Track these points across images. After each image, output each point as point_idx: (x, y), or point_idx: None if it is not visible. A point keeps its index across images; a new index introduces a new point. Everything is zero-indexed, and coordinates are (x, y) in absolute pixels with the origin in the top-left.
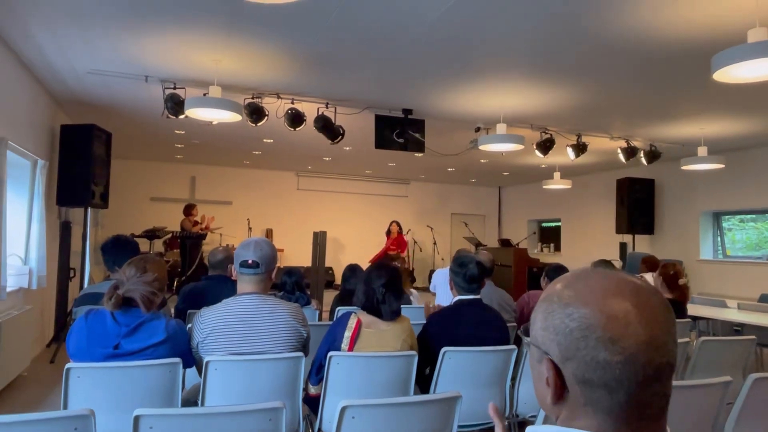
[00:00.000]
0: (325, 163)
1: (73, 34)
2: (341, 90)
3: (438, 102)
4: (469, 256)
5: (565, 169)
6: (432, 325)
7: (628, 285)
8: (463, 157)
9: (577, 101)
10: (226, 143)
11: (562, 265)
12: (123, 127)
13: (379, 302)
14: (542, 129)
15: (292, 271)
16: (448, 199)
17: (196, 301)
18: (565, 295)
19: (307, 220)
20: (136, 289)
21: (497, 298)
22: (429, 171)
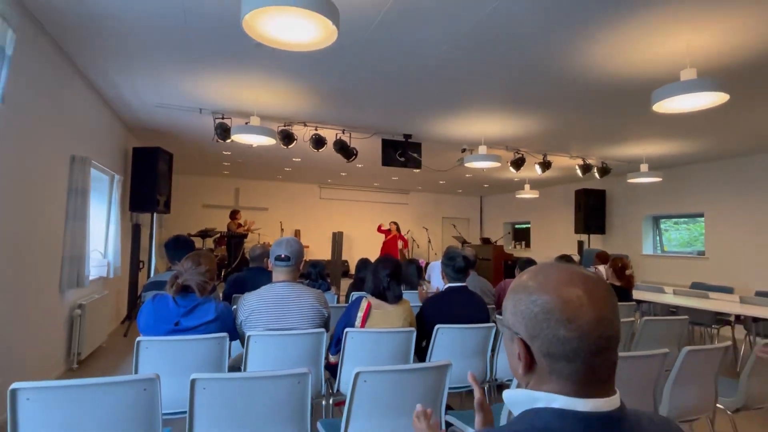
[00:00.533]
0: (342, 177)
1: (144, 75)
2: (355, 118)
3: (432, 128)
4: (457, 251)
5: (534, 181)
6: (427, 307)
7: (579, 276)
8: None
9: (544, 127)
10: (263, 161)
11: (531, 259)
12: (182, 149)
13: (384, 288)
14: (515, 149)
15: (316, 263)
16: (440, 205)
17: (240, 288)
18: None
19: (328, 222)
20: (192, 278)
21: (480, 285)
22: (425, 183)
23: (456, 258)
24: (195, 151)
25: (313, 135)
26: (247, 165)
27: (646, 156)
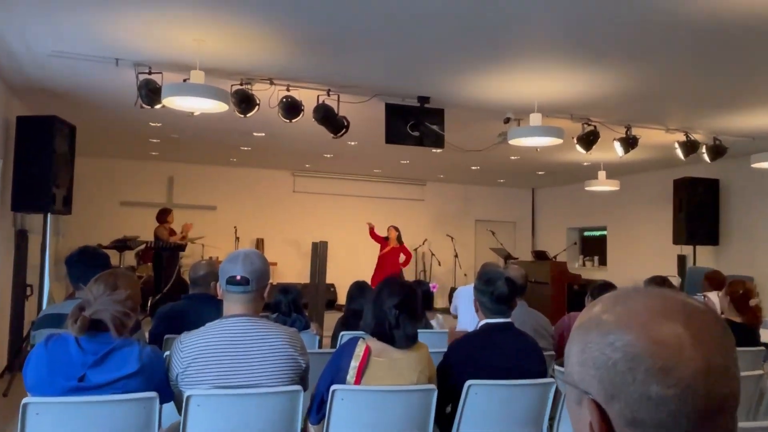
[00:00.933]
0: (327, 160)
1: (32, 10)
2: (345, 74)
3: (460, 88)
4: (497, 271)
5: (612, 167)
6: (454, 353)
7: (677, 304)
8: (490, 154)
9: (627, 86)
10: (209, 138)
11: (609, 283)
12: (89, 120)
13: (391, 326)
14: (584, 120)
15: (287, 288)
16: (472, 203)
17: (175, 324)
18: (604, 321)
19: (305, 228)
20: (106, 309)
21: (532, 322)
22: (449, 170)
23: (496, 281)
24: (109, 123)
25: (284, 98)
26: (185, 143)
27: None
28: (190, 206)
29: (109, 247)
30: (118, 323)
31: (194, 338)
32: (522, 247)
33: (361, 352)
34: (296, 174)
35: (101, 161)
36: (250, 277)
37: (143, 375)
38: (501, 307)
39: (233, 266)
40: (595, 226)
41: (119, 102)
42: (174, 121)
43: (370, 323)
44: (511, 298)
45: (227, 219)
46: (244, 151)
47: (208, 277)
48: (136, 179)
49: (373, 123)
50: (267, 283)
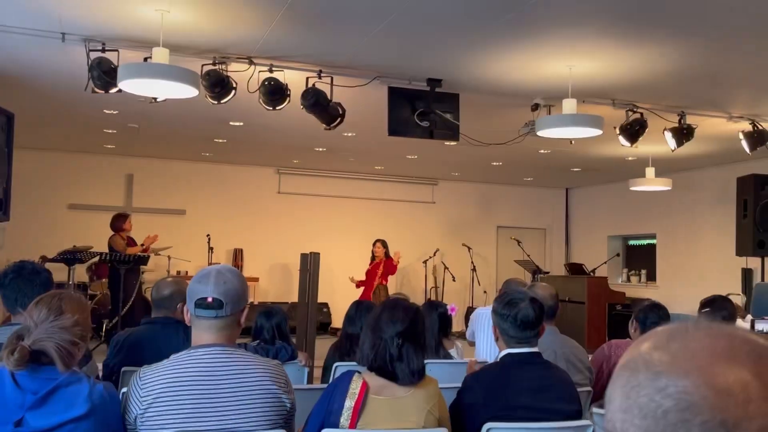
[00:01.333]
0: (318, 155)
1: None
2: (340, 51)
3: (478, 68)
4: (520, 291)
5: (663, 162)
6: (470, 391)
7: (745, 344)
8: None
9: (682, 65)
10: (176, 128)
11: (658, 304)
12: (31, 107)
13: (393, 358)
14: (629, 106)
15: (271, 311)
16: (493, 206)
17: (134, 354)
18: (655, 361)
19: (293, 236)
20: (50, 337)
21: (563, 351)
22: (465, 166)
23: (518, 303)
24: (54, 110)
25: (267, 81)
26: (147, 134)
27: None
28: (153, 210)
29: (56, 260)
30: (64, 354)
31: (157, 373)
32: (554, 259)
33: (358, 389)
34: (282, 171)
35: (45, 156)
36: (223, 298)
37: (94, 418)
38: (525, 334)
39: (203, 286)
40: (642, 233)
41: (67, 85)
42: (133, 109)
43: (367, 355)
44: (537, 323)
45: (198, 226)
46: (219, 144)
47: (174, 297)
48: (87, 178)
49: (373, 111)
50: (245, 306)
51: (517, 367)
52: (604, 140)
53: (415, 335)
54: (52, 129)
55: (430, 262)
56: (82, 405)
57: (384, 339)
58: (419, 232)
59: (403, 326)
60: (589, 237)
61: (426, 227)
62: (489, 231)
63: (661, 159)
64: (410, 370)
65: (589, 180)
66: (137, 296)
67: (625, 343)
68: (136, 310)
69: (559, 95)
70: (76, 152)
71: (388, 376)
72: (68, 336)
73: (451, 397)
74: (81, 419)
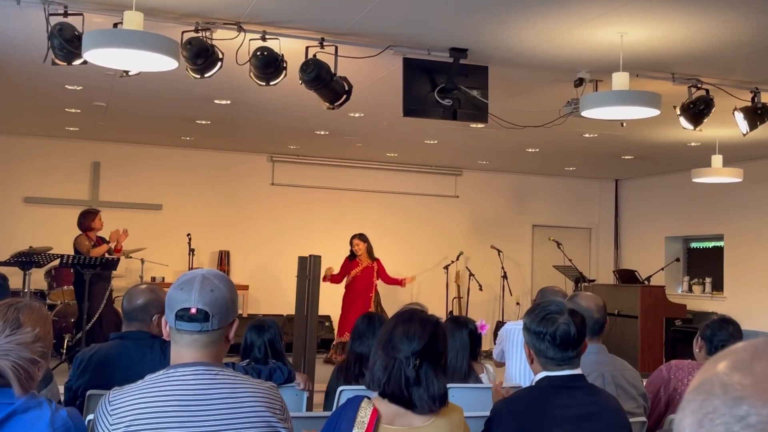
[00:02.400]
0: (319, 140)
1: None
2: (346, 16)
3: (511, 35)
4: (557, 302)
5: (733, 149)
6: (500, 420)
7: None
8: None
9: (756, 32)
10: (152, 107)
11: (728, 319)
12: None
13: (409, 382)
14: (692, 80)
15: (263, 324)
16: (528, 200)
17: (102, 374)
18: (735, 384)
19: (289, 236)
20: (5, 355)
21: (613, 374)
22: (495, 154)
23: (556, 318)
24: (7, 86)
25: (259, 51)
26: (116, 115)
27: None
28: (124, 205)
29: (9, 263)
30: (23, 376)
31: (129, 396)
32: (600, 264)
33: (367, 418)
34: (276, 159)
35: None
36: (209, 309)
37: None
38: (566, 354)
39: (186, 294)
40: (707, 234)
41: (22, 56)
42: (100, 84)
43: (379, 378)
44: (579, 341)
45: (177, 223)
46: (202, 126)
47: (148, 308)
48: (46, 166)
49: (385, 86)
50: (234, 318)
51: (556, 392)
52: (662, 122)
53: (436, 354)
54: (4, 108)
55: (452, 268)
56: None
57: (398, 359)
58: (439, 231)
59: (421, 343)
60: (644, 238)
61: (448, 226)
62: (523, 231)
63: (731, 145)
64: (429, 396)
65: (644, 170)
66: (106, 307)
67: (688, 365)
68: (104, 323)
69: (608, 68)
70: (33, 136)
71: (402, 403)
72: (27, 354)
73: (478, 428)
74: None
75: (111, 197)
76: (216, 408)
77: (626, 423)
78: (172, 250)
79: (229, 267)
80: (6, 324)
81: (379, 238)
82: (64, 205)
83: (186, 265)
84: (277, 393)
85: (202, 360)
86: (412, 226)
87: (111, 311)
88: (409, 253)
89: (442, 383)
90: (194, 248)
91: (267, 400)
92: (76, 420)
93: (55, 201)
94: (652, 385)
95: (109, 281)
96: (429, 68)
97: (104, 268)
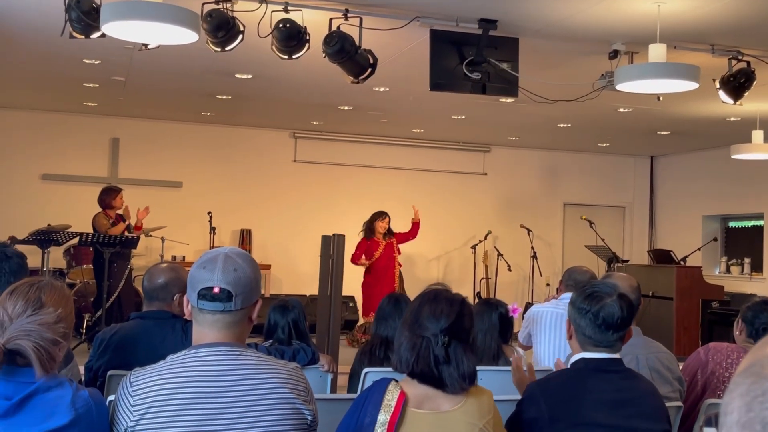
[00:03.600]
0: (343, 116)
1: None
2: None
3: (542, 6)
4: (610, 284)
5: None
6: (532, 402)
7: None
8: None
9: None
10: (171, 82)
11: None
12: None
13: (438, 360)
14: (732, 52)
15: (286, 305)
16: (559, 178)
17: (122, 355)
18: None
19: (312, 215)
20: (28, 335)
21: (648, 357)
22: (525, 129)
23: (603, 297)
24: (24, 60)
25: (281, 23)
26: (135, 90)
27: None
28: (143, 182)
29: (27, 241)
30: (44, 356)
31: (151, 376)
32: (634, 244)
33: (394, 400)
34: (298, 135)
35: (13, 116)
36: (232, 289)
37: (78, 429)
38: (607, 336)
39: (209, 273)
40: (747, 213)
41: (39, 30)
42: (119, 58)
43: (406, 358)
44: (623, 325)
45: (198, 201)
46: (223, 101)
47: (169, 287)
48: (64, 142)
49: (412, 59)
50: (257, 298)
51: (591, 375)
52: (701, 96)
53: (463, 332)
54: (22, 83)
55: (479, 248)
56: (64, 414)
57: (426, 337)
58: (467, 210)
59: (449, 321)
60: (680, 217)
61: (475, 204)
62: (554, 209)
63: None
64: (460, 374)
65: (681, 146)
66: (125, 286)
67: (727, 348)
68: (123, 303)
69: (644, 39)
70: (51, 111)
71: (433, 383)
72: (49, 334)
73: (508, 411)
74: (62, 431)
75: (130, 174)
76: (239, 389)
77: (663, 408)
78: (193, 229)
79: (250, 246)
80: (28, 304)
81: (404, 216)
82: (82, 183)
83: (207, 244)
84: (302, 374)
85: (225, 340)
86: (439, 204)
87: (131, 290)
88: (436, 232)
89: (471, 361)
90: (215, 227)
91: (291, 382)
92: (97, 400)
93: (73, 178)
94: (689, 368)
95: (128, 260)
96: (457, 40)
97: (124, 246)
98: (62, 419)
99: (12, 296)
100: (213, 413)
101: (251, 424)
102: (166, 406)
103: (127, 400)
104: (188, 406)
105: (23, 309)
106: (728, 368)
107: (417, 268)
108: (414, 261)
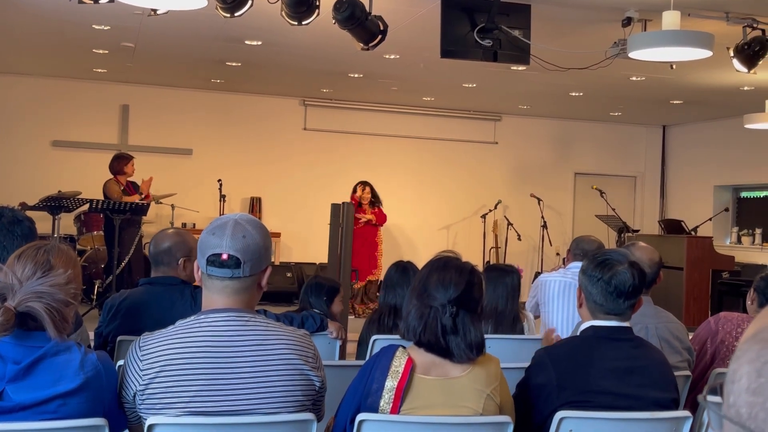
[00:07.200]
0: (353, 83)
1: None
2: None
3: None
4: (622, 252)
5: None
6: (541, 369)
7: None
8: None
9: None
10: (180, 48)
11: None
12: (3, 22)
13: (445, 330)
14: (747, 20)
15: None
16: (570, 147)
17: (132, 321)
18: None
19: (322, 183)
20: (39, 298)
21: (658, 327)
22: (537, 98)
23: (614, 265)
24: (32, 25)
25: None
26: (145, 56)
27: None
28: (154, 149)
29: (38, 207)
30: (57, 318)
31: (160, 341)
32: (645, 214)
33: (401, 367)
34: (308, 103)
35: (22, 82)
36: (241, 256)
37: (87, 393)
38: (617, 304)
39: (218, 239)
40: (759, 183)
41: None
42: (128, 24)
43: (414, 326)
44: (634, 294)
45: (207, 169)
46: (232, 68)
47: (173, 251)
48: (74, 109)
49: (422, 26)
50: (267, 265)
51: (601, 343)
52: (714, 64)
53: (472, 302)
54: (31, 49)
55: (489, 217)
56: (73, 378)
57: (434, 307)
58: (477, 179)
59: (458, 291)
60: (691, 187)
61: (486, 173)
62: (564, 179)
63: None
64: (467, 344)
65: (694, 115)
66: (135, 252)
67: (737, 317)
68: (133, 269)
69: (657, 7)
70: (60, 77)
71: (440, 352)
72: (61, 296)
73: (515, 379)
74: (71, 394)
75: (140, 141)
76: (247, 354)
77: (671, 377)
78: (203, 196)
79: (260, 214)
80: (37, 266)
81: (414, 185)
82: (92, 149)
83: (217, 211)
84: (310, 341)
85: (234, 306)
86: (449, 173)
87: (140, 257)
88: (446, 201)
89: (479, 331)
90: (225, 194)
91: (300, 348)
92: (106, 363)
93: (83, 145)
94: (698, 337)
95: (139, 227)
96: (468, 7)
97: (134, 213)
98: (71, 383)
99: (20, 260)
100: (221, 378)
101: (259, 389)
102: (174, 371)
103: (136, 365)
104: (197, 371)
105: (33, 272)
106: (738, 338)
107: (426, 237)
108: (423, 229)
